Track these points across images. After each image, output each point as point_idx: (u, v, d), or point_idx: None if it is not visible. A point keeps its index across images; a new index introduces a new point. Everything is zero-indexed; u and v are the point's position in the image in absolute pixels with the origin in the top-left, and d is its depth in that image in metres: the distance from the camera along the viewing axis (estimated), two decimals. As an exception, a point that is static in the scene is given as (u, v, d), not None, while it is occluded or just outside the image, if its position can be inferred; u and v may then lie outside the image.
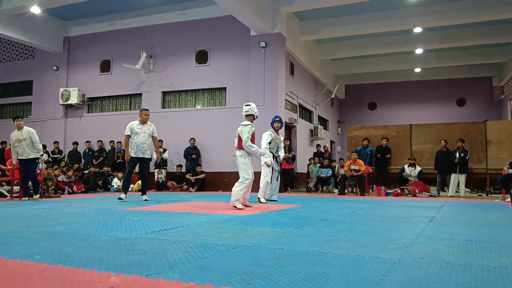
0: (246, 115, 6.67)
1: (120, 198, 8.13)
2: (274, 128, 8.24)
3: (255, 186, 8.08)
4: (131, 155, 8.17)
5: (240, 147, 6.50)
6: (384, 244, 3.23)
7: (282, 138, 8.60)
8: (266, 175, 7.89)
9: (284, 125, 8.61)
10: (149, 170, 8.81)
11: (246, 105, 6.75)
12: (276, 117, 8.41)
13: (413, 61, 18.89)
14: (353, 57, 18.95)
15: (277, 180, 8.38)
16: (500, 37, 15.32)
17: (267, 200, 8.00)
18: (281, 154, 8.44)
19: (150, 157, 8.55)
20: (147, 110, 8.57)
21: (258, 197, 7.83)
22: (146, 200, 8.20)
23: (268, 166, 7.87)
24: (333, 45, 17.24)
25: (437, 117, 18.87)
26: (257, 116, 6.77)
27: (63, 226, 4.20)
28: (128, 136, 8.24)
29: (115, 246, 3.04)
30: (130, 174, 8.41)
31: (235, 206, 6.25)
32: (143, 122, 8.38)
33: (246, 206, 6.48)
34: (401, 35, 16.06)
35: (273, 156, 8.14)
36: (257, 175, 7.51)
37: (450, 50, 17.71)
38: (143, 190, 8.55)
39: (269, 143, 8.10)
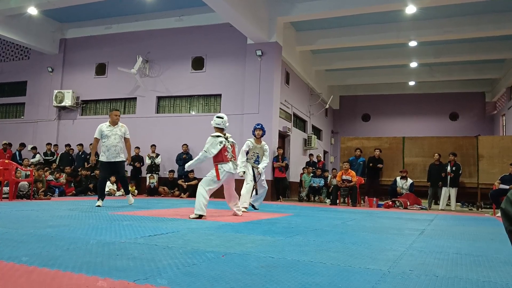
0: (215, 127, 6.34)
1: (98, 206, 7.46)
2: (255, 136, 7.90)
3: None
4: (103, 160, 7.71)
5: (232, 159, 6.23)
6: (374, 256, 3.23)
7: (266, 147, 7.98)
8: (248, 189, 7.56)
9: (265, 133, 8.25)
10: (124, 172, 8.22)
11: (218, 117, 6.37)
12: (257, 124, 8.08)
13: (407, 74, 19.04)
14: (348, 69, 19.09)
15: (256, 194, 7.81)
16: (494, 53, 15.51)
17: (252, 206, 7.74)
18: (262, 165, 7.79)
19: (124, 159, 7.91)
20: (117, 110, 8.06)
21: (244, 207, 7.40)
22: (131, 202, 8.00)
23: (241, 176, 7.34)
24: (328, 56, 17.35)
25: (429, 130, 19.00)
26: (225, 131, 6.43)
27: (51, 228, 4.16)
28: (97, 139, 7.84)
29: (103, 250, 3.01)
30: (104, 181, 8.00)
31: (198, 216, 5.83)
32: (114, 123, 7.85)
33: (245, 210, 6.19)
34: (396, 48, 16.20)
35: (252, 167, 7.74)
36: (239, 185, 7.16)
37: (444, 64, 17.89)
38: (126, 191, 8.24)
39: (247, 153, 7.75)
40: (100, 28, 15.23)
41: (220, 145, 6.07)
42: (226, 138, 6.23)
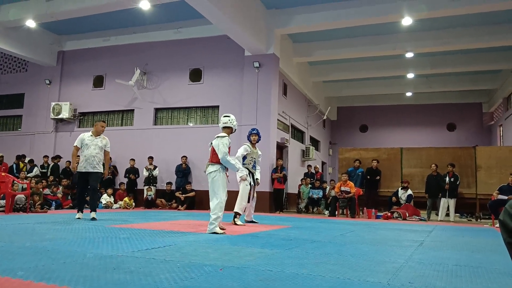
0: (224, 127, 6.06)
1: (78, 218, 7.37)
2: (250, 142, 7.67)
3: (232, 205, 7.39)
4: (80, 170, 7.55)
5: (214, 161, 5.83)
6: (373, 268, 3.20)
7: (260, 153, 7.81)
8: (243, 193, 7.29)
9: (261, 138, 8.03)
10: (97, 184, 7.86)
11: (225, 116, 6.12)
12: (252, 129, 7.84)
13: (404, 85, 19.13)
14: (345, 80, 19.18)
15: (252, 199, 7.66)
16: (490, 64, 15.61)
17: (247, 221, 7.56)
18: (258, 173, 7.67)
19: (100, 171, 7.71)
20: (103, 122, 8.04)
21: (234, 217, 7.21)
22: (93, 219, 7.22)
23: (244, 180, 7.25)
24: (326, 68, 17.43)
25: (427, 141, 19.04)
26: (235, 130, 6.21)
27: (48, 241, 4.12)
28: (77, 148, 7.73)
29: (100, 264, 2.98)
30: (82, 192, 7.82)
31: (215, 232, 5.53)
32: (97, 134, 7.79)
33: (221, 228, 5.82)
34: (393, 59, 16.29)
35: (249, 172, 7.53)
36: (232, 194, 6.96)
37: (441, 75, 17.99)
38: (91, 207, 7.62)
39: (245, 158, 7.54)
40: (98, 40, 15.29)
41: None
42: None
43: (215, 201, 5.75)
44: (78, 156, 7.91)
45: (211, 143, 5.97)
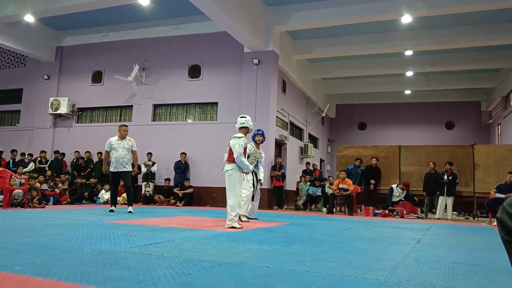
0: (240, 128, 6.37)
1: (111, 210, 8.41)
2: (255, 142, 7.73)
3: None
4: (112, 171, 8.52)
5: (231, 160, 6.07)
6: (370, 265, 3.21)
7: (263, 154, 7.96)
8: (247, 191, 7.33)
9: (265, 139, 8.08)
10: (130, 182, 8.91)
11: (242, 117, 6.46)
12: (258, 130, 7.91)
13: (403, 83, 19.14)
14: (344, 78, 19.17)
15: (257, 196, 7.79)
16: (489, 63, 15.63)
17: (248, 218, 7.56)
18: (261, 174, 7.82)
19: (129, 170, 8.66)
20: (125, 126, 8.87)
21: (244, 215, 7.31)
22: (130, 212, 8.31)
23: (247, 173, 6.96)
24: (325, 65, 17.42)
25: (426, 139, 19.07)
26: (251, 130, 6.54)
27: (45, 237, 4.12)
28: (107, 152, 8.64)
29: (98, 260, 2.98)
30: (115, 189, 8.83)
31: (233, 227, 5.78)
32: (122, 137, 8.66)
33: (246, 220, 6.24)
34: (392, 57, 16.30)
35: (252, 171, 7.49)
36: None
37: (440, 74, 18.00)
38: (128, 202, 8.74)
39: (248, 157, 7.39)
40: (97, 36, 15.25)
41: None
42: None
43: (232, 199, 5.96)
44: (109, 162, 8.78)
45: (229, 143, 6.24)
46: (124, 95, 14.62)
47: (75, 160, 14.16)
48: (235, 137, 6.18)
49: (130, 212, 8.32)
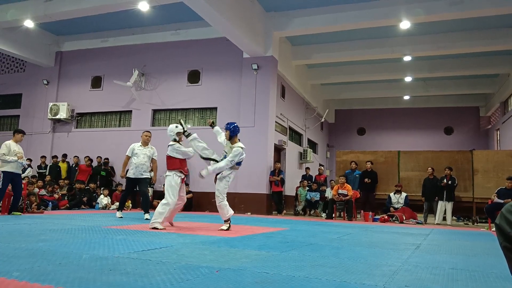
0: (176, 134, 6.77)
1: (120, 217, 8.34)
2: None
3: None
4: (130, 176, 8.39)
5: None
6: (370, 271, 3.20)
7: (236, 151, 6.46)
8: (222, 194, 6.38)
9: (235, 133, 6.88)
10: (146, 189, 8.84)
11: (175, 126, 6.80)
12: (227, 123, 7.00)
13: (402, 88, 19.17)
14: (343, 83, 19.21)
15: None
16: (488, 68, 15.68)
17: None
18: (211, 167, 6.66)
19: (148, 177, 8.62)
20: (148, 132, 8.85)
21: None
22: (147, 219, 7.88)
23: (203, 177, 6.48)
24: (324, 70, 17.46)
25: (424, 144, 19.06)
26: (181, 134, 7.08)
27: (44, 243, 4.10)
28: (128, 157, 8.49)
29: (96, 265, 2.97)
30: (126, 194, 8.80)
31: (155, 228, 5.96)
32: (145, 143, 8.62)
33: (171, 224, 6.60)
34: (391, 63, 16.34)
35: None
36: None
37: (438, 79, 18.05)
38: (144, 209, 8.51)
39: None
40: (96, 41, 15.27)
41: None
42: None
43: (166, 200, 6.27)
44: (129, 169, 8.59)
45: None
46: (123, 100, 14.62)
47: (73, 165, 14.11)
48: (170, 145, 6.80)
49: (147, 219, 7.87)
